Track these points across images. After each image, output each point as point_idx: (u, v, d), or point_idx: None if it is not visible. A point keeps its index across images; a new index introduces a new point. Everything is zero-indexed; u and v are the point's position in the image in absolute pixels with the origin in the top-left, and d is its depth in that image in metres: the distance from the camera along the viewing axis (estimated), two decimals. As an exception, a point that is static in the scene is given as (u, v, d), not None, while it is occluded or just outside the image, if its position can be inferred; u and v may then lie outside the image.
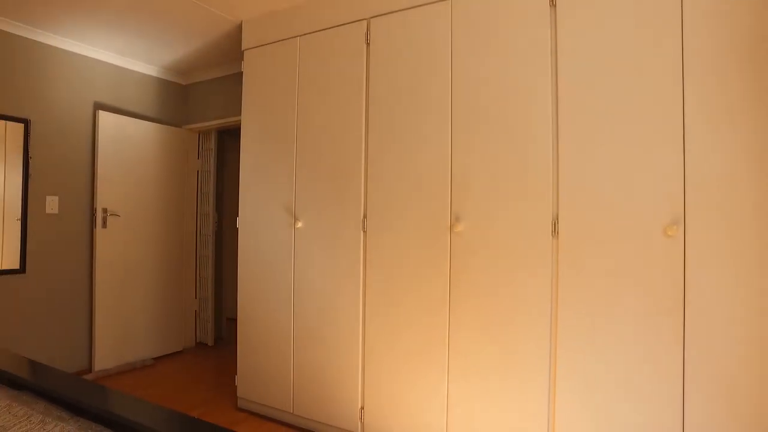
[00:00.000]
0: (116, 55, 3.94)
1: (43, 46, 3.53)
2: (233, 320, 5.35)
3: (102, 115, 3.78)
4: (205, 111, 4.37)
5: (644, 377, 1.88)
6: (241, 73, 4.04)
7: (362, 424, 2.61)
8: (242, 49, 3.19)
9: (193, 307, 4.57)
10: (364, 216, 2.60)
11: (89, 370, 3.76)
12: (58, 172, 3.63)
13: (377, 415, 2.54)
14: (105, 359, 3.77)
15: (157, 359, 4.15)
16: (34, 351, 3.47)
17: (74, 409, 1.70)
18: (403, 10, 2.51)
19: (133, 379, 3.66)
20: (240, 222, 3.14)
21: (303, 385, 2.82)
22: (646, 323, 1.88)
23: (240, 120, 4.02)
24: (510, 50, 2.20)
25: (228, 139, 5.18)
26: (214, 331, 4.60)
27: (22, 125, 3.42)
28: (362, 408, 2.60)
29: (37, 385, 1.69)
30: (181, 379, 3.68)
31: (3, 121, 3.34)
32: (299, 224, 2.84)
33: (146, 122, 4.10)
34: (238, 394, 3.14)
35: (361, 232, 2.61)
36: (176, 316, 4.34)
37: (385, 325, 2.52)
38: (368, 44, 2.63)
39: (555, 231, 2.07)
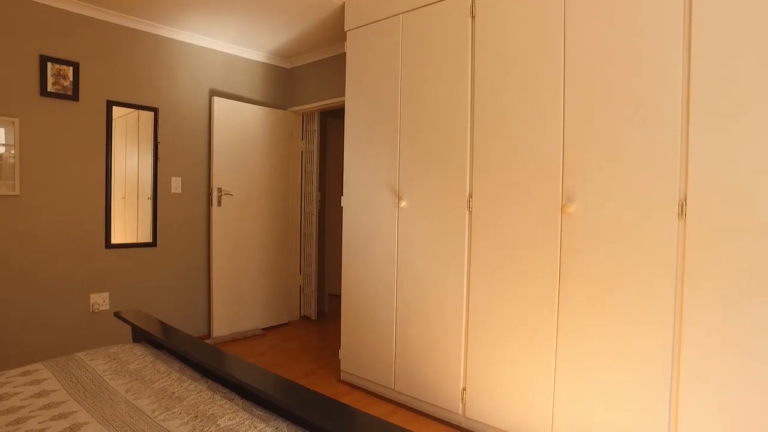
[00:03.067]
0: (228, 44, 4.18)
1: (166, 40, 3.83)
2: (334, 296, 5.57)
3: (216, 100, 4.04)
4: (309, 93, 4.51)
5: (793, 378, 1.66)
6: (343, 55, 4.11)
7: (464, 405, 2.59)
8: (345, 30, 3.22)
9: (298, 282, 4.81)
10: (470, 195, 2.54)
11: (208, 335, 4.11)
12: (181, 155, 3.95)
13: (479, 398, 2.51)
14: (221, 327, 4.10)
15: (265, 329, 4.43)
16: (163, 315, 3.86)
17: (203, 370, 1.85)
18: (512, -23, 2.38)
19: (245, 347, 3.94)
20: (344, 201, 3.22)
21: (405, 363, 2.86)
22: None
23: (343, 101, 4.11)
24: (636, 20, 2.00)
25: (331, 121, 5.32)
26: (317, 305, 4.82)
27: (152, 113, 3.76)
28: (464, 389, 2.58)
29: (173, 346, 1.85)
30: (287, 350, 3.90)
31: (138, 110, 3.70)
32: (403, 203, 2.85)
33: (254, 106, 4.32)
34: (341, 368, 3.26)
35: (466, 211, 2.55)
36: (282, 290, 4.60)
37: (490, 307, 2.46)
38: (473, 17, 2.53)
39: (682, 213, 1.87)
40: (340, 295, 5.54)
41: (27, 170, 3.19)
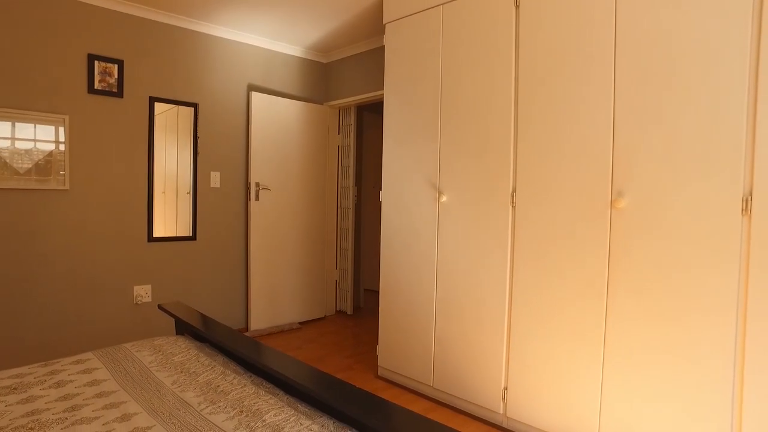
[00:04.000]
0: (266, 39, 4.20)
1: (206, 36, 3.88)
2: (370, 291, 5.57)
3: (254, 95, 4.07)
4: (345, 87, 4.50)
5: None
6: (380, 49, 4.09)
7: (505, 404, 2.53)
8: (384, 22, 3.18)
9: (334, 277, 4.82)
10: (513, 190, 2.47)
11: (246, 329, 4.16)
12: (219, 149, 4.00)
13: (521, 398, 2.44)
14: (259, 320, 4.14)
15: (302, 324, 4.46)
16: (203, 307, 3.93)
17: (245, 364, 1.85)
18: (560, -37, 2.28)
19: (282, 341, 3.98)
20: (383, 195, 3.19)
21: (444, 360, 2.82)
22: None
23: (379, 95, 4.09)
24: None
25: (367, 115, 5.30)
26: (353, 300, 4.82)
27: (192, 109, 3.82)
28: (505, 388, 2.52)
29: (217, 340, 1.86)
30: (324, 344, 3.91)
31: (177, 106, 3.76)
32: (443, 198, 2.80)
33: (291, 100, 4.34)
34: (378, 363, 3.24)
35: (510, 207, 2.48)
36: (319, 285, 4.61)
37: (534, 305, 2.39)
38: (517, 6, 2.45)
39: (747, 209, 1.76)
40: (375, 291, 5.57)
41: (76, 165, 3.28)
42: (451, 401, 2.81)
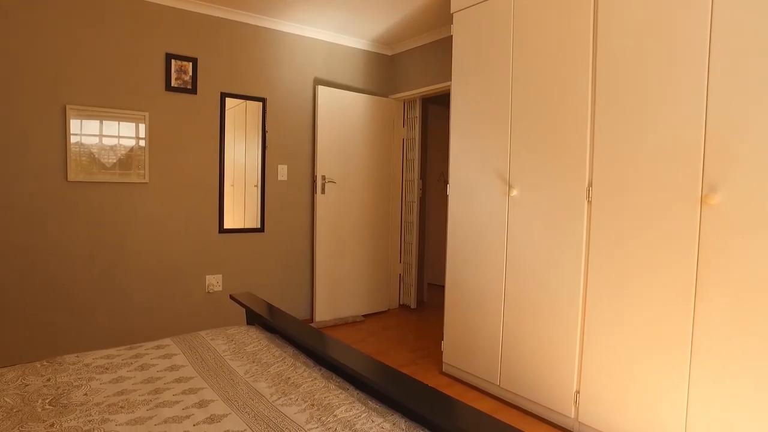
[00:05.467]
0: (331, 33, 4.23)
1: (273, 32, 3.96)
2: (433, 285, 5.52)
3: (320, 89, 4.11)
4: (410, 80, 4.45)
5: None
6: (445, 39, 4.00)
7: (577, 409, 2.41)
8: (451, 11, 3.10)
9: (398, 270, 4.81)
10: (590, 184, 2.34)
11: (311, 320, 4.24)
12: (286, 143, 4.08)
13: (595, 403, 2.32)
14: (323, 312, 4.21)
15: (365, 316, 4.49)
16: (269, 297, 4.04)
17: (314, 356, 1.87)
18: (647, -61, 2.11)
19: (346, 333, 4.02)
20: (450, 189, 3.13)
21: (512, 359, 2.73)
22: None
23: (445, 86, 4.01)
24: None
25: (432, 107, 5.23)
26: (416, 294, 4.79)
27: (260, 103, 3.92)
28: (577, 392, 2.41)
29: (288, 333, 1.89)
30: (388, 338, 3.91)
31: (246, 101, 3.87)
32: (514, 192, 2.70)
33: (356, 93, 4.35)
34: (443, 359, 3.20)
35: (585, 202, 2.35)
36: (383, 278, 4.62)
37: (611, 305, 2.25)
38: (597, -13, 2.30)
39: None
40: (439, 285, 5.51)
41: (154, 160, 3.46)
42: (519, 402, 2.72)
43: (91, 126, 3.23)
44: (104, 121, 3.27)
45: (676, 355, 2.02)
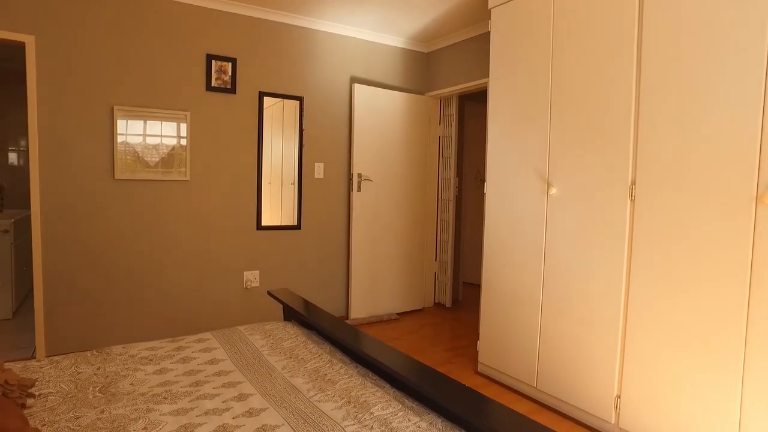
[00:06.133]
0: (368, 31, 4.23)
1: (310, 31, 3.99)
2: (469, 284, 5.47)
3: (357, 87, 4.13)
4: (447, 77, 4.41)
5: None
6: (483, 35, 3.95)
7: (617, 414, 2.34)
8: (489, 7, 3.06)
9: (433, 269, 4.78)
10: (632, 182, 2.26)
11: (346, 317, 4.27)
12: (323, 141, 4.12)
13: (637, 409, 2.24)
14: (358, 309, 4.23)
15: (400, 314, 4.48)
16: (305, 294, 4.09)
17: (350, 353, 1.87)
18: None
19: (381, 330, 4.02)
20: (487, 187, 3.09)
21: (549, 361, 2.67)
22: None
23: (483, 83, 3.96)
24: None
25: (469, 104, 5.18)
26: (451, 293, 4.75)
27: (297, 102, 3.97)
28: (618, 396, 2.33)
29: (325, 330, 1.90)
30: (423, 336, 3.90)
31: (283, 100, 3.92)
32: (553, 190, 2.64)
33: (393, 91, 4.34)
34: (479, 359, 3.16)
35: (628, 200, 2.28)
36: (418, 276, 4.61)
37: (655, 310, 2.17)
38: (643, -22, 2.22)
39: None
40: (475, 284, 5.45)
41: (195, 158, 3.55)
42: (556, 404, 2.66)
43: (136, 126, 3.34)
44: (148, 121, 3.38)
45: (728, 360, 1.93)
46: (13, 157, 5.58)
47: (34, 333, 3.16)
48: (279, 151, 3.96)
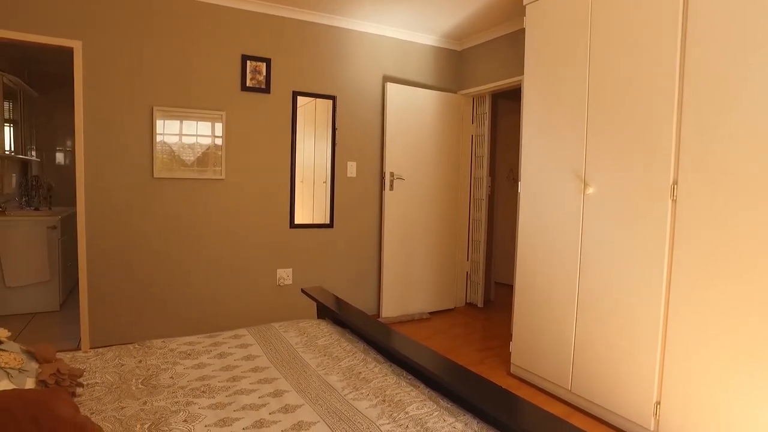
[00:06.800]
0: (400, 30, 4.23)
1: (343, 31, 4.02)
2: (501, 284, 5.41)
3: (389, 86, 4.13)
4: (480, 75, 4.37)
5: None
6: (517, 32, 3.89)
7: (657, 421, 2.27)
8: (524, 3, 3.01)
9: (465, 268, 4.75)
10: (674, 181, 2.19)
11: (377, 315, 4.29)
12: (355, 140, 4.14)
13: (679, 416, 2.17)
14: (390, 308, 4.23)
15: (431, 314, 4.47)
16: (337, 292, 4.12)
17: (384, 353, 1.88)
18: None
19: (412, 330, 4.02)
20: (521, 186, 3.05)
21: (584, 364, 2.62)
22: None
23: (516, 81, 3.90)
24: None
25: (502, 102, 5.11)
26: (483, 293, 4.71)
27: (330, 101, 4.00)
28: (658, 403, 2.26)
29: (359, 329, 1.91)
30: (455, 336, 3.88)
31: (315, 99, 3.96)
32: (589, 190, 2.58)
33: (425, 90, 4.33)
34: (511, 360, 3.13)
35: (669, 200, 2.21)
36: (449, 276, 4.58)
37: (698, 312, 2.10)
38: (687, -31, 2.14)
39: None
40: (507, 284, 5.39)
41: (230, 157, 3.62)
42: (591, 408, 2.61)
43: (173, 125, 3.44)
44: (184, 121, 3.46)
45: (774, 369, 1.85)
46: (60, 157, 5.82)
47: (79, 324, 3.29)
48: (311, 150, 4.00)
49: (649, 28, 2.29)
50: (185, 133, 3.47)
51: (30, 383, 1.31)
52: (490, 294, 4.96)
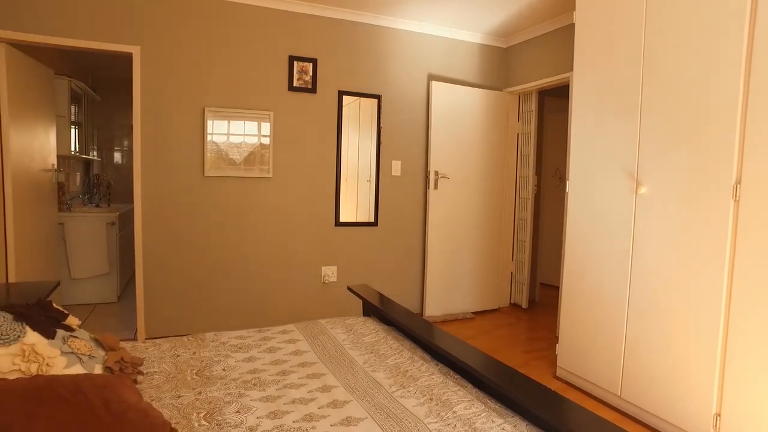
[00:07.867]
0: (445, 28, 4.20)
1: (388, 30, 4.03)
2: (546, 285, 5.30)
3: (434, 85, 4.12)
4: (526, 72, 4.29)
5: None
6: (565, 28, 3.80)
7: (716, 432, 2.17)
8: (575, -3, 2.94)
9: (510, 268, 4.68)
10: (737, 181, 2.08)
11: (421, 314, 4.28)
12: (400, 139, 4.15)
13: (741, 430, 2.06)
14: (433, 307, 4.22)
15: (475, 314, 4.43)
16: (382, 290, 4.14)
17: (430, 351, 1.88)
18: None
19: (456, 329, 4.00)
20: (569, 185, 2.97)
21: (636, 369, 2.53)
22: None
23: (564, 78, 3.81)
24: None
25: (549, 100, 5.00)
26: (528, 293, 4.63)
27: (375, 100, 4.02)
28: (717, 415, 2.16)
29: (406, 327, 1.92)
30: (499, 337, 3.83)
31: (360, 98, 3.99)
32: (642, 190, 2.49)
33: (470, 88, 4.29)
34: (557, 363, 3.06)
35: (731, 201, 2.10)
36: (494, 276, 4.53)
37: (763, 320, 1.99)
38: (753, -42, 2.03)
39: None
40: (552, 285, 5.27)
41: (277, 156, 3.71)
42: (642, 416, 2.52)
43: (222, 125, 3.55)
44: (232, 121, 3.57)
45: None
46: (117, 157, 6.13)
47: (136, 316, 3.45)
48: (355, 149, 4.04)
49: (712, 22, 2.19)
50: (233, 133, 3.58)
51: (98, 369, 1.39)
52: (535, 295, 4.87)
